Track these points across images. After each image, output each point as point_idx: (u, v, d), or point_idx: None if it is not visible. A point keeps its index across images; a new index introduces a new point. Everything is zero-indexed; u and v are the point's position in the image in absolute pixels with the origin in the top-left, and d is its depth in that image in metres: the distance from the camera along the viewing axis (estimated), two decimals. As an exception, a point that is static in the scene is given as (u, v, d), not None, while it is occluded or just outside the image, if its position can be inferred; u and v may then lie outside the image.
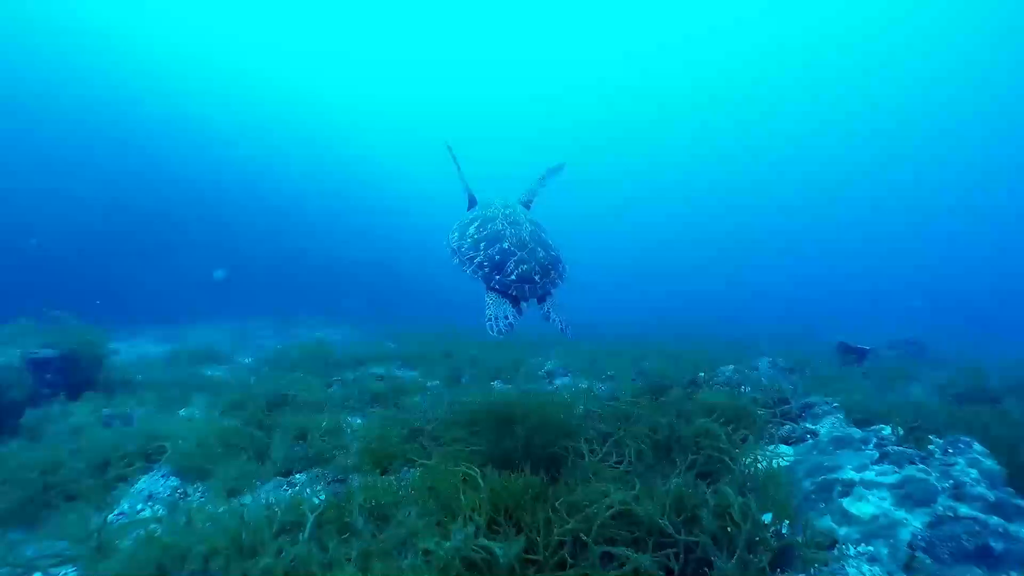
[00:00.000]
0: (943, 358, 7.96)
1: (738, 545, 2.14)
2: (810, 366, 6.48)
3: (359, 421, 4.81)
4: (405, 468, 3.25)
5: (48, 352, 5.13)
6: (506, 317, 3.91)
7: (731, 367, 5.50)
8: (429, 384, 6.52)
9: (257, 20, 36.43)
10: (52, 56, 25.73)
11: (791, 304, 31.11)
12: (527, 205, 5.41)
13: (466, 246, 4.36)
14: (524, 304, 4.13)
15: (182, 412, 5.06)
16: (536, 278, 4.12)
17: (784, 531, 2.42)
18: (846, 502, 2.90)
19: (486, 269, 4.13)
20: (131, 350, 10.43)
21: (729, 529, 2.29)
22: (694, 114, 50.41)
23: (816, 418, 4.28)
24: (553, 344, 12.05)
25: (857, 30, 38.74)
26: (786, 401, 4.73)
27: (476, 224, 4.52)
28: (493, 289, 4.11)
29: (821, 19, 39.54)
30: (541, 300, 4.21)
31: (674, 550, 2.22)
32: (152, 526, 2.21)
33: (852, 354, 8.53)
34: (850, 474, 3.14)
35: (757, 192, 54.44)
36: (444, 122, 48.40)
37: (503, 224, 4.44)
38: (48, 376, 5.14)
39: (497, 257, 4.15)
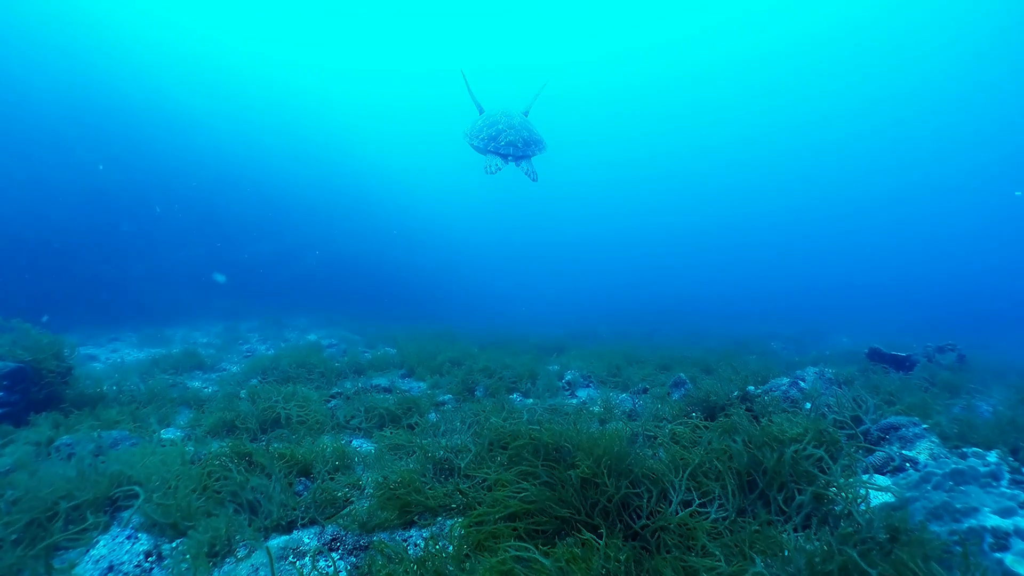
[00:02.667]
0: (989, 367, 7.39)
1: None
2: (859, 378, 5.89)
3: (369, 447, 4.12)
4: (440, 518, 2.58)
5: (-2, 365, 4.37)
6: (496, 166, 6.72)
7: (786, 380, 4.89)
8: (441, 398, 5.84)
9: (249, 10, 35.39)
10: (27, 37, 24.24)
11: (785, 304, 30.76)
12: (525, 113, 8.09)
13: (475, 132, 7.27)
14: (511, 160, 6.86)
15: (160, 435, 4.33)
16: (519, 145, 6.83)
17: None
18: (1008, 559, 2.29)
19: (487, 141, 6.97)
20: (111, 356, 9.65)
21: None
22: (696, 111, 50.18)
23: (906, 442, 3.68)
24: (561, 349, 11.45)
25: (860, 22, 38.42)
26: (860, 421, 4.14)
27: (483, 123, 7.34)
28: (489, 151, 6.90)
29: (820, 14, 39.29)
30: (519, 162, 6.90)
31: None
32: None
33: (886, 362, 7.94)
34: (994, 520, 2.53)
35: (749, 196, 54.39)
36: (438, 119, 47.48)
37: (501, 120, 7.19)
38: (0, 394, 4.39)
39: (494, 134, 6.96)
